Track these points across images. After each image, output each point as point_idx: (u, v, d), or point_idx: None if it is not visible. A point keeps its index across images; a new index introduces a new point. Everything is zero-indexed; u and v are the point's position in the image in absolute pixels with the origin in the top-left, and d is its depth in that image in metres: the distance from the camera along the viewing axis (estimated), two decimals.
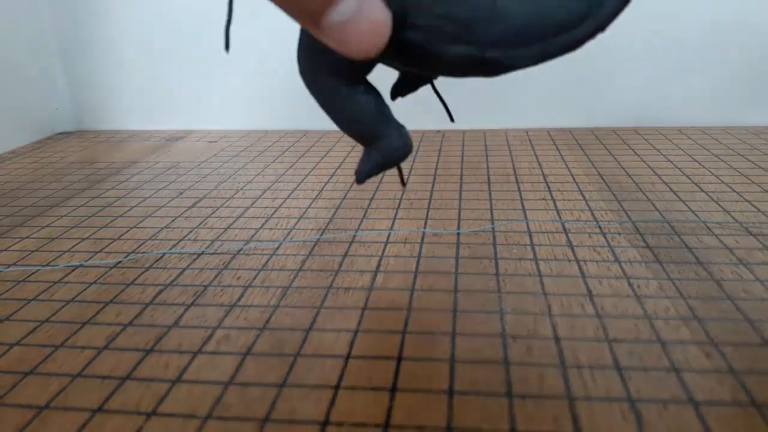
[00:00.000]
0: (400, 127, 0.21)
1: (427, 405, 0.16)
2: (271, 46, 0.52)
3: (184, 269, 0.25)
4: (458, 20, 0.18)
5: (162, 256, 0.26)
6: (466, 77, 0.21)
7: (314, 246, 0.27)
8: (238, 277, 0.24)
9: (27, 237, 0.30)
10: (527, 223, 0.28)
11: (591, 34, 0.19)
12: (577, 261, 0.24)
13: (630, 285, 0.22)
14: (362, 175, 0.21)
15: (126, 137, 0.52)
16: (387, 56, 0.19)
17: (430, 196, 0.33)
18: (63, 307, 0.22)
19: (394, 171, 0.38)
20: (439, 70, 0.20)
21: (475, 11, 0.19)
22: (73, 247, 0.28)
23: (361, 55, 0.16)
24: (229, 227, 0.30)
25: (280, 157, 0.43)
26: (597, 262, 0.24)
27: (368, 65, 0.19)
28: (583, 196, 0.32)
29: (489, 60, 0.19)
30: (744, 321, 0.19)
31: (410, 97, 0.55)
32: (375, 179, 0.36)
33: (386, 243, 0.27)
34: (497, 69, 0.20)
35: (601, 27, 0.19)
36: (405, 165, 0.39)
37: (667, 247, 0.25)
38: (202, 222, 0.31)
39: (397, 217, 0.30)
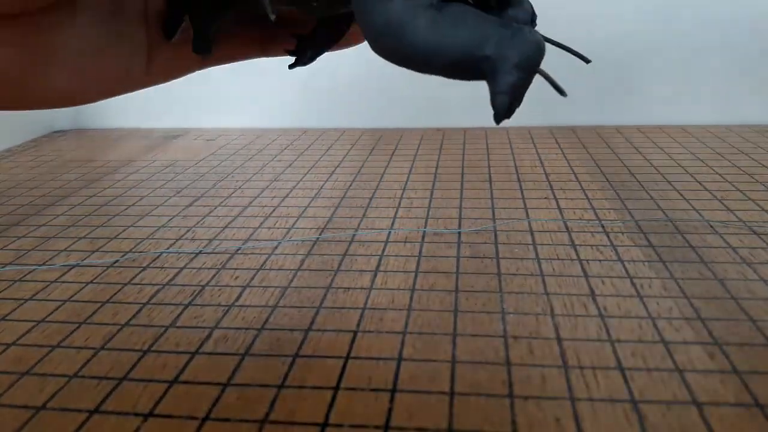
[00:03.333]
0: (514, 26, 0.18)
1: (427, 406, 0.16)
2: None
3: (181, 269, 0.25)
4: None
5: (159, 256, 0.26)
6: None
7: (313, 245, 0.27)
8: (237, 277, 0.24)
9: (23, 236, 0.30)
10: (529, 222, 0.28)
11: None
12: (580, 260, 0.24)
13: (633, 284, 0.22)
14: (505, 98, 0.16)
15: (123, 135, 0.52)
16: None
17: (431, 194, 0.33)
18: (59, 306, 0.22)
19: (395, 172, 0.38)
20: None
21: None
22: (70, 246, 0.28)
23: None
24: (227, 226, 0.29)
25: (278, 156, 0.43)
26: (599, 261, 0.24)
27: None
28: (586, 194, 0.31)
29: None
30: (748, 321, 0.19)
31: (410, 96, 0.55)
32: (375, 178, 0.36)
33: (386, 242, 0.27)
34: None
35: None
36: (405, 163, 0.39)
37: (670, 246, 0.25)
38: (199, 221, 0.30)
39: (397, 216, 0.30)
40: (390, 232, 0.28)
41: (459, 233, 0.27)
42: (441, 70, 0.19)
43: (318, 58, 0.27)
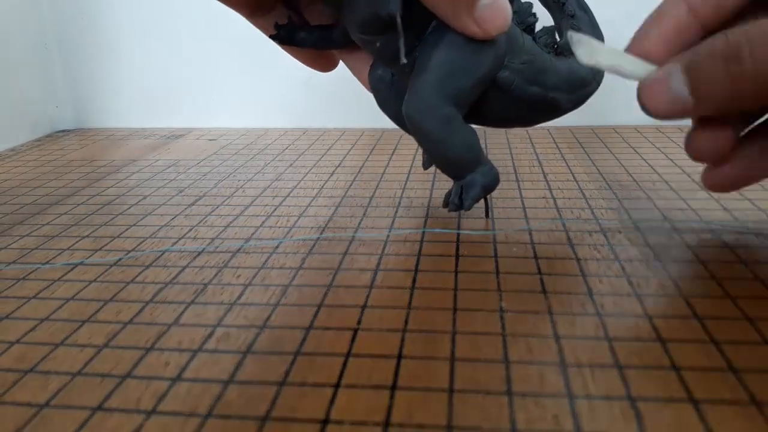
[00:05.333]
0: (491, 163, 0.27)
1: (427, 403, 0.16)
2: (271, 43, 0.52)
3: (184, 267, 0.25)
4: (535, 67, 0.25)
5: (162, 254, 0.26)
6: (524, 119, 0.28)
7: (314, 244, 0.27)
8: (238, 276, 0.24)
9: (27, 235, 0.30)
10: (527, 222, 0.28)
11: (593, 92, 0.29)
12: (577, 259, 0.24)
13: (630, 283, 0.22)
14: (470, 201, 0.25)
15: (126, 135, 0.52)
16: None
17: (431, 194, 0.33)
18: (63, 305, 0.22)
19: (396, 171, 0.38)
20: (511, 107, 0.26)
21: (544, 63, 0.25)
22: (73, 245, 0.28)
23: (494, 33, 0.22)
24: (229, 225, 0.30)
25: (280, 155, 0.43)
26: (597, 260, 0.24)
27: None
28: (584, 194, 0.32)
29: (550, 100, 0.26)
30: (744, 319, 0.19)
31: None
32: (375, 178, 0.36)
33: (386, 241, 0.27)
34: (555, 108, 0.26)
35: (597, 86, 0.29)
36: (405, 163, 0.39)
37: (667, 246, 0.25)
38: (202, 220, 0.31)
39: (398, 215, 0.30)
40: (390, 232, 0.28)
41: (458, 233, 0.27)
42: (436, 157, 0.26)
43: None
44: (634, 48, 0.23)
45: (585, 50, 0.24)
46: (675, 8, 0.23)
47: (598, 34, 0.30)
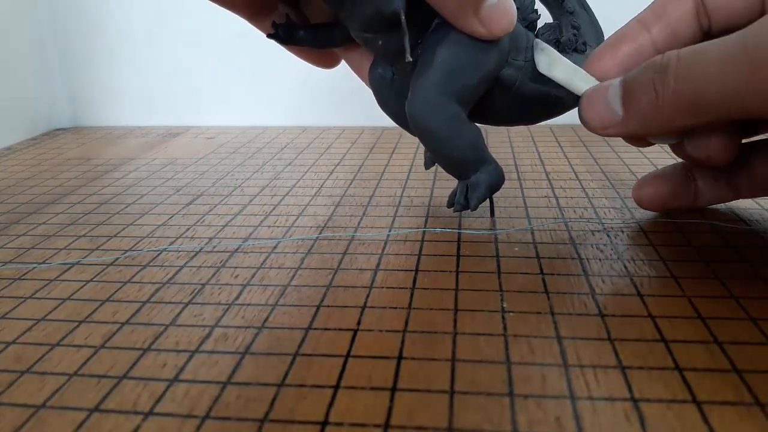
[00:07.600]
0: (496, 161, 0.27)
1: (427, 405, 0.16)
2: (269, 41, 0.52)
3: (181, 267, 0.25)
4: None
5: (159, 254, 0.26)
6: (527, 117, 0.27)
7: (313, 244, 0.27)
8: (236, 275, 0.24)
9: (23, 234, 0.29)
10: (529, 221, 0.28)
11: None
12: (580, 259, 0.24)
13: (633, 283, 0.22)
14: (476, 201, 0.25)
15: (123, 133, 0.52)
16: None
17: (431, 193, 0.33)
18: (59, 305, 0.22)
19: (396, 173, 0.38)
20: (514, 104, 0.26)
21: None
22: (70, 244, 0.28)
23: (499, 34, 0.22)
24: (227, 225, 0.29)
25: (278, 154, 0.43)
26: (600, 260, 0.24)
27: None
28: (586, 193, 0.31)
29: (554, 96, 0.25)
30: (748, 320, 0.19)
31: None
32: (376, 177, 0.36)
33: (386, 241, 0.26)
34: (558, 105, 0.26)
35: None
36: (406, 161, 0.39)
37: (670, 245, 0.25)
38: (199, 219, 0.30)
39: (398, 215, 0.30)
40: (390, 231, 0.27)
41: (459, 232, 0.27)
42: (440, 156, 0.25)
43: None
44: (590, 67, 0.24)
45: (545, 60, 0.25)
46: (636, 34, 0.23)
47: (597, 32, 0.29)
